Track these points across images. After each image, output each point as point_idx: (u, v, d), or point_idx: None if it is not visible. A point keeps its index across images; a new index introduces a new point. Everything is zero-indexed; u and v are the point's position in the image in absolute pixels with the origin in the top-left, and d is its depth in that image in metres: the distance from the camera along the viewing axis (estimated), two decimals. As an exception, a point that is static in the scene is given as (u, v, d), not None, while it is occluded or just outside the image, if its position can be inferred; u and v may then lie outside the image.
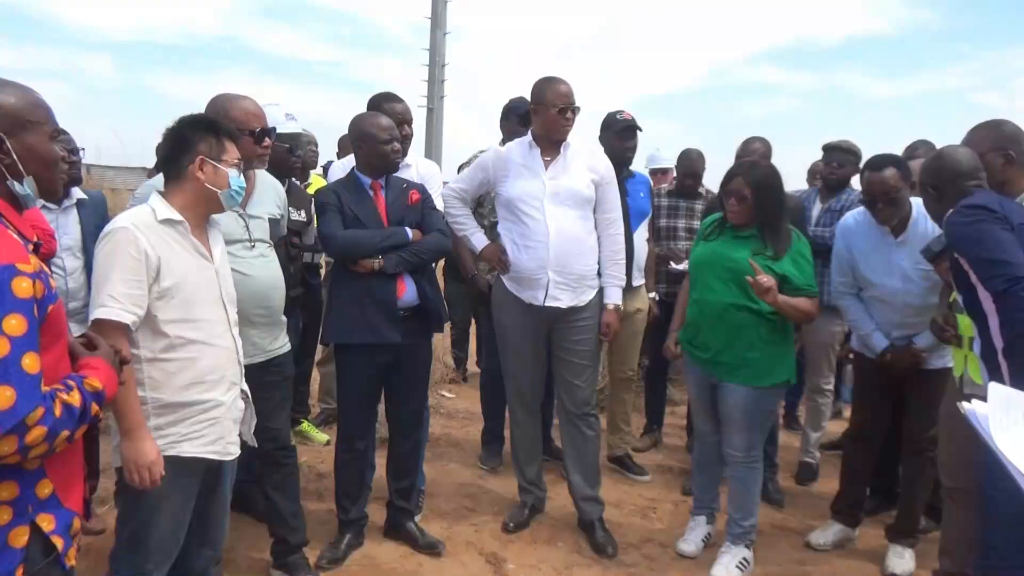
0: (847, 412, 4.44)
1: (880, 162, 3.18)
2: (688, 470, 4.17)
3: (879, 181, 3.15)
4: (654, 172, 6.10)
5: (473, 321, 5.45)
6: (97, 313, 1.98)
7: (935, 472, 3.08)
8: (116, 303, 1.98)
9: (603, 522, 3.57)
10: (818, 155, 5.34)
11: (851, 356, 3.71)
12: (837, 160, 4.24)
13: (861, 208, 3.39)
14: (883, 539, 3.47)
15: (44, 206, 3.04)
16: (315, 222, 3.44)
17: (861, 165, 4.20)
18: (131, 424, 1.99)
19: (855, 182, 4.15)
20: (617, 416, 4.39)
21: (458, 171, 4.03)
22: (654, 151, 6.30)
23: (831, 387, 4.43)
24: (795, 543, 3.61)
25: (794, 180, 5.70)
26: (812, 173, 5.35)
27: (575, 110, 3.34)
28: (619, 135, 4.05)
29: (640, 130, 4.10)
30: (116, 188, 9.47)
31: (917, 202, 3.17)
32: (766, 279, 2.93)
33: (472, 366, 6.14)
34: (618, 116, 4.08)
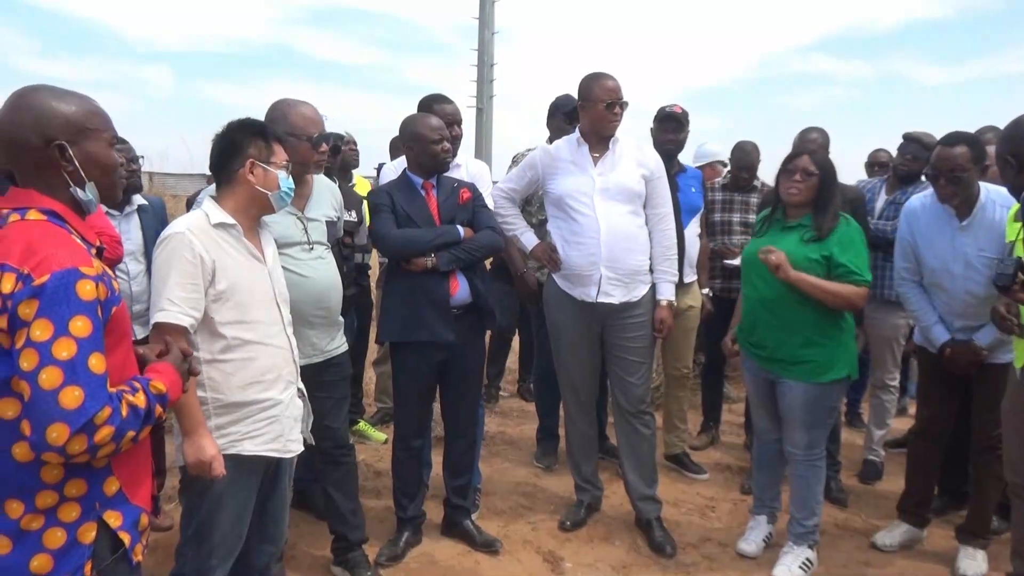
0: (912, 409, 4.30)
1: (953, 138, 3.07)
2: (747, 468, 4.09)
3: (947, 156, 3.04)
4: (709, 165, 6.00)
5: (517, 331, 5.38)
6: (157, 317, 2.04)
7: (1006, 469, 2.96)
8: (174, 307, 2.03)
9: (661, 521, 3.52)
10: (874, 145, 5.21)
11: (916, 351, 3.59)
12: (912, 152, 4.07)
13: (929, 191, 3.27)
14: (953, 540, 3.34)
15: (108, 212, 3.14)
16: (366, 222, 3.47)
17: None
18: (191, 424, 2.04)
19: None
20: (673, 414, 4.33)
21: (508, 169, 4.03)
22: (699, 145, 6.19)
23: (896, 383, 4.29)
24: (860, 544, 3.51)
25: (849, 172, 5.55)
26: (870, 164, 5.20)
27: (623, 105, 3.30)
28: (661, 126, 4.01)
29: (684, 123, 4.04)
30: (177, 194, 9.73)
31: (988, 188, 3.07)
32: (774, 256, 2.89)
33: (508, 383, 5.87)
34: (667, 108, 4.03)
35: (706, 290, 4.31)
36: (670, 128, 4.01)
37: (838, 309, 3.05)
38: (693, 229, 4.07)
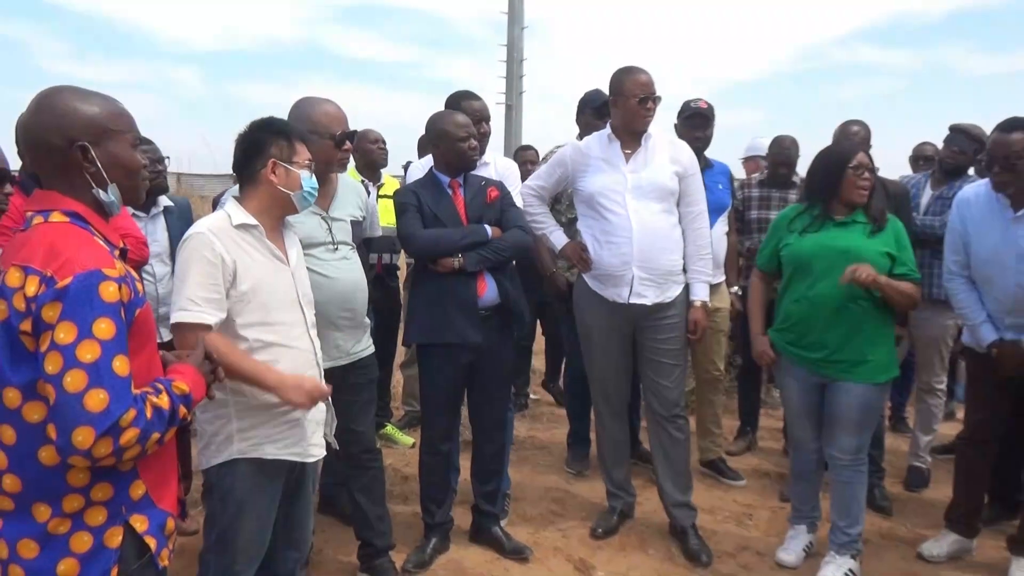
0: (961, 413, 4.22)
1: (1011, 124, 3.01)
2: (786, 475, 4.04)
3: (1003, 142, 2.98)
4: (752, 160, 5.95)
5: (541, 329, 5.34)
6: (176, 317, 2.06)
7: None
8: (195, 306, 2.05)
9: (696, 529, 3.49)
10: (920, 138, 5.11)
11: (964, 352, 3.52)
12: (959, 145, 4.00)
13: (984, 180, 3.20)
14: (1004, 551, 3.27)
15: (134, 214, 3.20)
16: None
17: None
18: (274, 381, 2.10)
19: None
20: (707, 418, 4.29)
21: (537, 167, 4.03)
22: (752, 139, 6.12)
23: (943, 386, 4.21)
24: (905, 554, 3.45)
25: (894, 166, 5.46)
26: (915, 158, 5.11)
27: (656, 100, 3.29)
28: (687, 123, 3.98)
29: (710, 118, 4.00)
30: (204, 195, 9.88)
31: None
32: (863, 269, 2.86)
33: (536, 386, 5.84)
34: (692, 103, 3.99)
35: (735, 289, 4.27)
36: (696, 125, 3.97)
37: (903, 309, 3.09)
38: (720, 228, 4.01)
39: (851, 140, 3.81)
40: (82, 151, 1.52)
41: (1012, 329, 3.09)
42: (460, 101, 3.59)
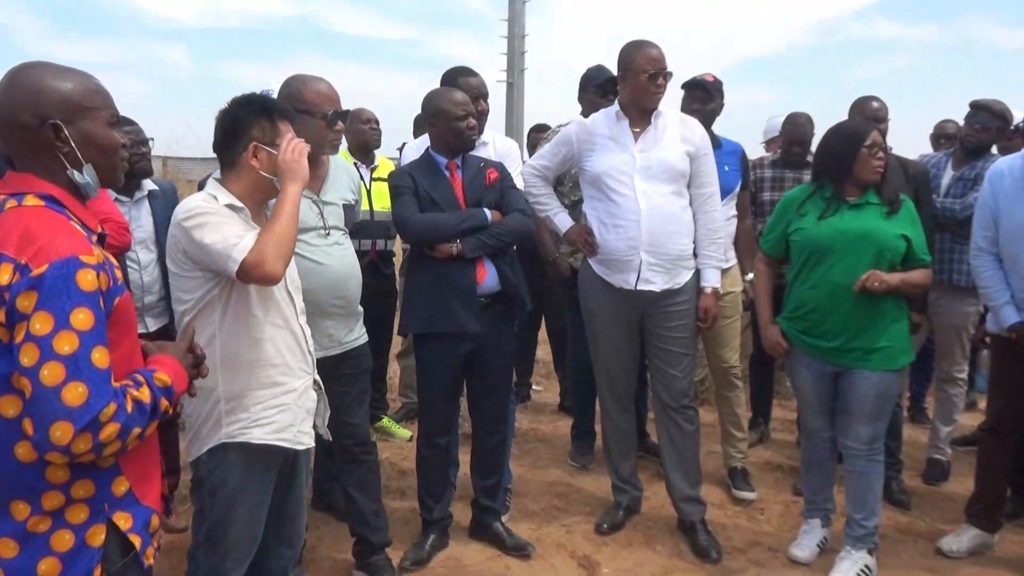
0: (982, 403, 4.21)
1: None
2: (799, 468, 4.04)
3: None
4: (774, 141, 5.90)
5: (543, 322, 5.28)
6: (237, 257, 2.00)
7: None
8: (238, 238, 2.03)
9: (705, 524, 3.50)
10: (942, 115, 5.08)
11: (987, 340, 3.50)
12: (981, 121, 3.97)
13: (1019, 153, 3.18)
14: (1027, 546, 3.28)
15: (117, 199, 3.19)
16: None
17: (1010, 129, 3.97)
18: (288, 188, 2.11)
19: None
20: (726, 419, 4.12)
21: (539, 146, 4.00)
22: (769, 119, 6.06)
23: (964, 375, 4.21)
24: (924, 549, 3.46)
25: (914, 145, 5.43)
26: (936, 137, 5.08)
27: (667, 75, 3.26)
28: (688, 94, 3.88)
29: (714, 93, 3.85)
30: (192, 179, 9.86)
31: None
32: (873, 278, 2.91)
33: (541, 376, 5.87)
34: (697, 77, 3.89)
35: (750, 276, 4.23)
36: (696, 97, 3.86)
37: (916, 296, 3.15)
38: (724, 211, 3.80)
39: (867, 117, 3.78)
40: (54, 130, 1.50)
41: None
42: (457, 77, 3.56)
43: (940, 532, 3.54)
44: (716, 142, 3.89)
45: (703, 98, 3.86)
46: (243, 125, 2.16)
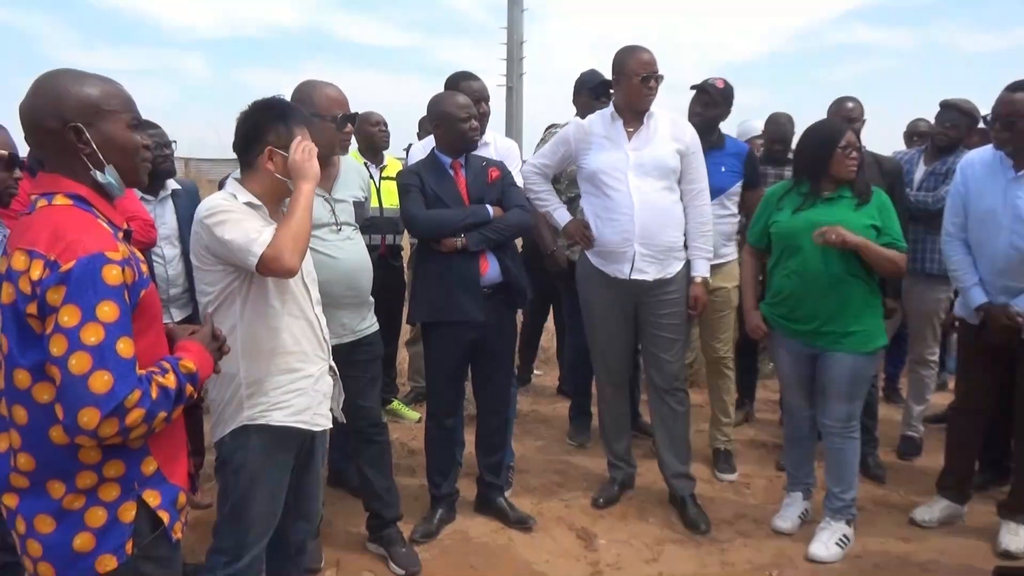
0: (952, 384, 4.21)
1: (1018, 85, 3.00)
2: (782, 445, 4.05)
3: (1006, 101, 2.99)
4: (748, 142, 5.86)
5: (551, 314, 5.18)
6: (257, 252, 2.00)
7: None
8: (257, 232, 2.02)
9: (695, 498, 3.50)
10: (914, 114, 5.06)
11: (956, 324, 3.50)
12: (951, 120, 3.95)
13: (991, 146, 3.18)
14: (995, 516, 3.28)
15: (143, 198, 3.18)
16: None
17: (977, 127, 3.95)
18: (298, 190, 2.08)
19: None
20: (715, 404, 4.11)
21: (537, 146, 3.98)
22: (741, 122, 6.04)
23: (936, 358, 4.21)
24: (898, 520, 3.46)
25: (888, 143, 5.41)
26: (909, 135, 5.06)
27: (658, 79, 3.25)
28: (695, 97, 3.82)
29: (717, 99, 3.75)
30: (212, 179, 9.85)
31: None
32: (834, 234, 2.88)
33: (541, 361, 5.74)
34: (708, 81, 3.82)
35: None
36: (699, 100, 3.81)
37: (889, 275, 3.14)
38: (718, 210, 3.70)
39: (842, 117, 3.76)
40: (76, 132, 1.49)
41: (1003, 293, 3.07)
42: (460, 82, 3.54)
43: (913, 504, 3.55)
44: (720, 143, 3.83)
45: (706, 102, 3.78)
46: (260, 129, 2.15)
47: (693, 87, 3.84)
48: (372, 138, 4.35)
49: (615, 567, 3.10)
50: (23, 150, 2.37)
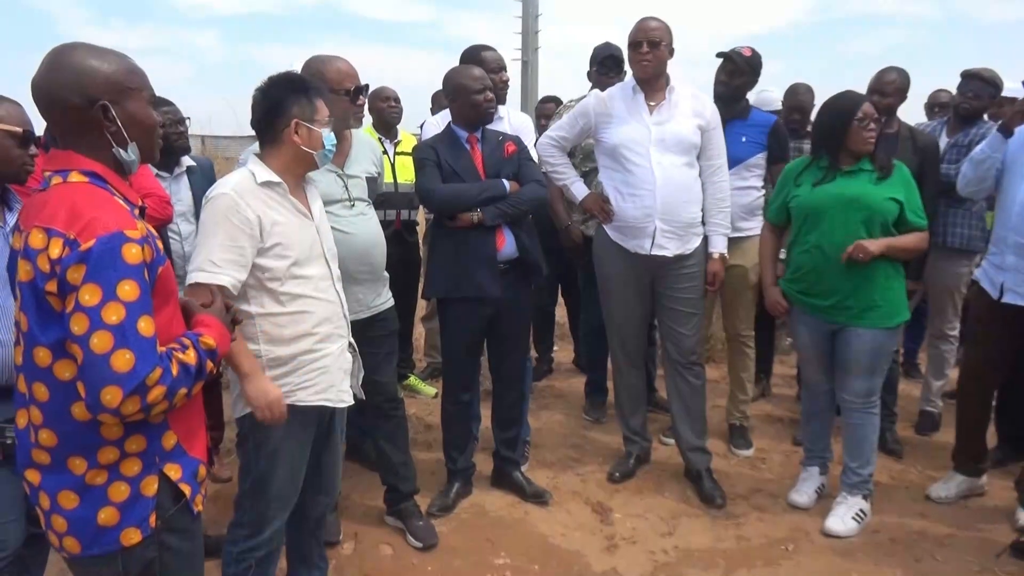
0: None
1: None
2: (799, 420, 4.04)
3: None
4: None
5: (561, 296, 5.13)
6: (194, 277, 2.03)
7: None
8: (215, 268, 2.03)
9: (711, 472, 3.51)
10: (936, 85, 4.96)
11: (970, 289, 3.44)
12: (973, 90, 3.86)
13: None
14: (1012, 491, 3.26)
15: (158, 174, 3.19)
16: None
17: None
18: (248, 368, 2.07)
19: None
20: (733, 381, 4.10)
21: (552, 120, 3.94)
22: (759, 92, 5.91)
23: (956, 333, 4.15)
24: (915, 495, 3.45)
25: (911, 115, 5.32)
26: (930, 106, 4.97)
27: (651, 44, 3.17)
28: (720, 67, 3.72)
29: (743, 67, 3.65)
30: (228, 156, 9.85)
31: None
32: (854, 251, 2.89)
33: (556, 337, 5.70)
34: (735, 49, 3.69)
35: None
36: (723, 68, 3.70)
37: (912, 257, 3.12)
38: (735, 180, 3.61)
39: (886, 87, 3.66)
40: (103, 110, 1.48)
41: (1015, 252, 3.01)
42: (475, 54, 3.52)
43: (931, 479, 3.53)
44: (744, 113, 3.74)
45: (732, 71, 3.68)
46: (284, 104, 2.13)
47: (719, 54, 3.73)
48: (383, 114, 4.33)
49: (630, 541, 3.11)
50: (38, 127, 2.37)
